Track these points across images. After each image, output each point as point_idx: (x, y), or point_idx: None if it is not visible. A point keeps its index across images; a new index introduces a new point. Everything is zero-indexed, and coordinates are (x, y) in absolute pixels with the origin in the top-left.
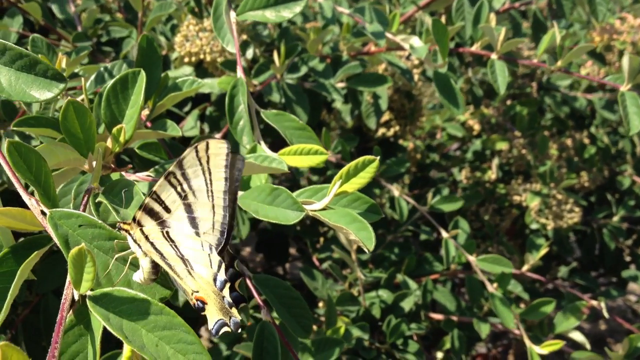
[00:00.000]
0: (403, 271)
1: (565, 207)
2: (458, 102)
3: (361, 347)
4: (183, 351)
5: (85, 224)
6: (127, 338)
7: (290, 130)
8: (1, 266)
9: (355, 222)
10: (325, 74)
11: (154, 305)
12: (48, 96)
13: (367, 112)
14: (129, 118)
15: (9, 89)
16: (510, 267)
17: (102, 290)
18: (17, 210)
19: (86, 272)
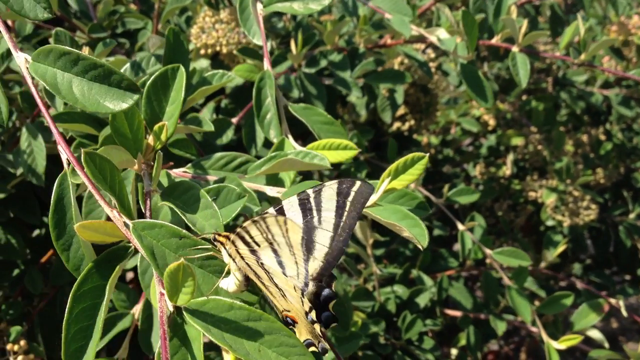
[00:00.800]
0: (418, 267)
1: (582, 204)
2: (486, 94)
3: (376, 343)
4: (286, 354)
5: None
6: (231, 347)
7: (318, 124)
8: (87, 282)
9: (407, 218)
10: (342, 66)
11: (253, 312)
12: (123, 107)
13: (382, 105)
14: (170, 115)
15: (82, 99)
16: (527, 260)
17: (196, 301)
18: (99, 222)
19: (186, 285)
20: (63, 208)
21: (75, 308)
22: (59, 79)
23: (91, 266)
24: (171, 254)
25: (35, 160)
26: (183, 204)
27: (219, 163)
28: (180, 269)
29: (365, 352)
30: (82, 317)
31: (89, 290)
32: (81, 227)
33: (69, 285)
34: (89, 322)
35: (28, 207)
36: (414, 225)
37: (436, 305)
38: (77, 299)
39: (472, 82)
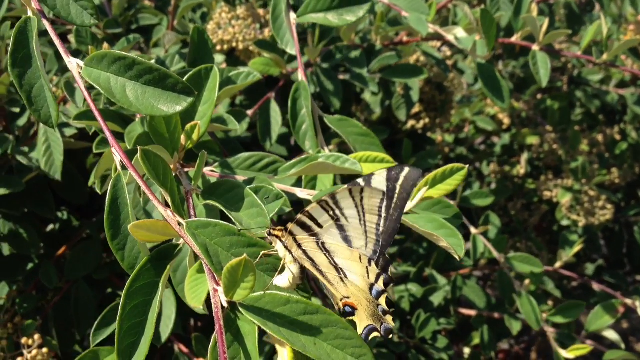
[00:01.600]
0: (431, 265)
1: (598, 204)
2: (503, 95)
3: (390, 341)
4: (342, 346)
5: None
6: (288, 340)
7: (353, 136)
8: (140, 279)
9: (444, 228)
10: (359, 62)
11: (309, 305)
12: (177, 109)
13: (397, 103)
14: (202, 114)
15: (136, 103)
16: (540, 267)
17: (252, 296)
18: (151, 222)
19: (246, 281)
20: (118, 208)
21: (129, 305)
22: (112, 83)
23: (145, 262)
24: (224, 252)
25: (52, 156)
26: (226, 202)
27: (246, 163)
28: (242, 264)
29: (380, 350)
30: (135, 313)
31: (142, 287)
32: (135, 227)
33: (84, 279)
34: (141, 319)
35: (43, 202)
36: (451, 235)
37: (450, 304)
38: (130, 296)
39: (489, 82)
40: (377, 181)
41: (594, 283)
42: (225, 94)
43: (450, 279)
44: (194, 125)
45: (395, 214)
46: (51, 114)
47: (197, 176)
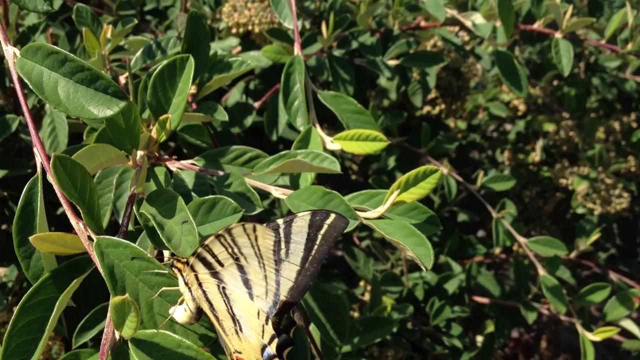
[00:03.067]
0: (446, 253)
1: (614, 192)
2: (521, 83)
3: (405, 329)
4: None
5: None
6: None
7: (347, 113)
8: (40, 293)
9: (413, 236)
10: (375, 50)
11: (201, 353)
12: (107, 114)
13: (413, 89)
14: (176, 107)
15: (66, 101)
16: (564, 249)
17: (145, 332)
18: (57, 235)
19: (129, 319)
20: (30, 214)
21: (21, 320)
22: (44, 78)
23: (47, 276)
24: (131, 276)
25: (57, 138)
26: (165, 213)
27: (228, 157)
28: (125, 303)
29: (394, 337)
30: (28, 330)
31: (40, 302)
32: (38, 239)
33: None
34: (34, 336)
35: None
36: (419, 244)
37: (464, 291)
38: (24, 311)
39: (507, 70)
40: (298, 225)
41: (611, 272)
42: (217, 83)
43: (465, 266)
44: (164, 119)
45: (311, 269)
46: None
47: (142, 180)
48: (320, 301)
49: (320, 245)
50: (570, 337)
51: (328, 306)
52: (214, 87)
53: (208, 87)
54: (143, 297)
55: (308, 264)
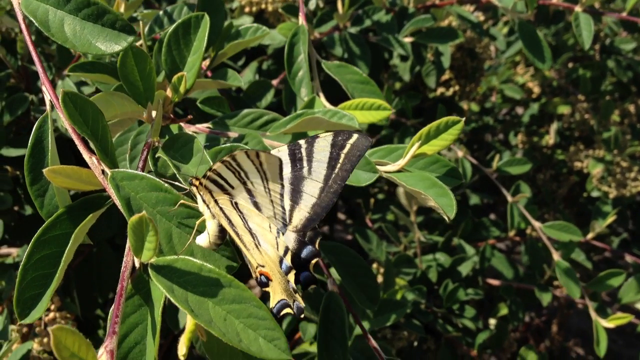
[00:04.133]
0: (459, 235)
1: (630, 175)
2: (544, 55)
3: (418, 311)
4: (254, 326)
5: (149, 187)
6: (193, 312)
7: (352, 83)
8: (55, 228)
9: (435, 187)
10: (389, 27)
11: (222, 276)
12: (115, 49)
13: (427, 70)
14: (191, 65)
15: (73, 39)
16: (579, 235)
17: (165, 258)
18: (72, 168)
19: (148, 240)
20: (41, 152)
21: (36, 254)
22: (50, 16)
23: (62, 211)
24: (149, 208)
25: None
26: (181, 157)
27: (244, 120)
28: (143, 222)
29: (407, 319)
30: (43, 264)
31: (56, 237)
32: (52, 172)
33: (107, 242)
34: (49, 270)
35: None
36: (442, 194)
37: (478, 274)
38: (39, 245)
39: (529, 41)
40: (321, 145)
41: (626, 254)
42: (232, 50)
43: (479, 248)
44: (180, 77)
45: (334, 186)
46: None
47: (156, 129)
48: (351, 266)
49: (343, 164)
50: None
51: (359, 271)
52: (229, 53)
53: (222, 54)
54: (162, 229)
55: (331, 181)
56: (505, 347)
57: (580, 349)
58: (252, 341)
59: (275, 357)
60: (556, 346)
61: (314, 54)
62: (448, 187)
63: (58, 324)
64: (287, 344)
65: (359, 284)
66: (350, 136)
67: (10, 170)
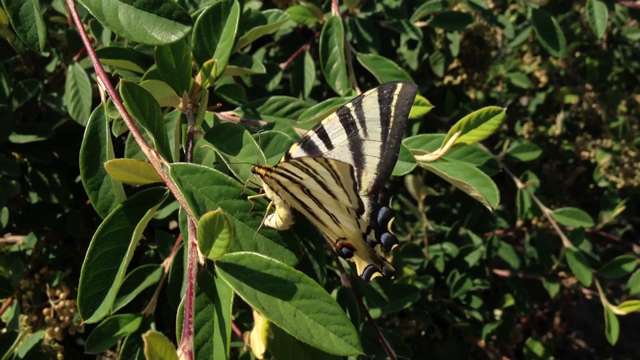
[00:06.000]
0: (466, 225)
1: (638, 165)
2: (558, 42)
3: (425, 300)
4: (324, 321)
5: (211, 181)
6: (264, 309)
7: (387, 76)
8: (114, 224)
9: (477, 176)
10: (400, 13)
11: (291, 272)
12: (172, 39)
13: (435, 58)
14: (221, 52)
15: (128, 28)
16: (590, 221)
17: (231, 255)
18: (131, 161)
19: (220, 238)
20: (97, 144)
21: (98, 251)
22: (104, 4)
23: (120, 207)
24: (211, 202)
25: (80, 101)
26: (227, 148)
27: (270, 107)
28: (217, 219)
29: (415, 308)
30: (104, 261)
31: (115, 234)
32: (112, 165)
33: None
34: (110, 267)
35: (73, 150)
36: (484, 184)
37: (485, 264)
38: (100, 242)
39: (543, 28)
40: (368, 104)
41: (635, 246)
42: (253, 35)
43: (486, 239)
44: (210, 64)
45: (393, 141)
46: (38, 35)
47: (201, 116)
48: None
49: (395, 117)
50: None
51: None
52: (249, 39)
53: (243, 40)
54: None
55: (389, 137)
56: (511, 338)
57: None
58: (323, 337)
59: (347, 353)
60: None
61: (349, 46)
62: (489, 177)
63: (150, 331)
64: (359, 338)
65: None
66: (395, 87)
67: (17, 156)
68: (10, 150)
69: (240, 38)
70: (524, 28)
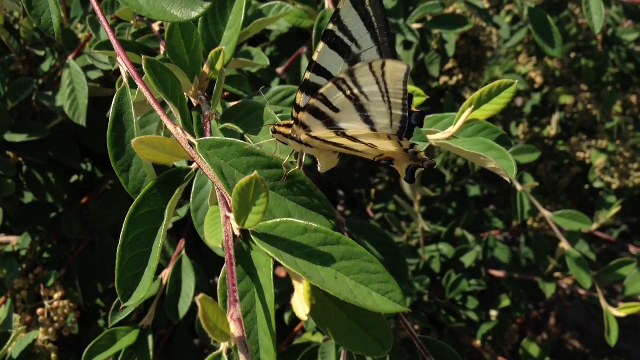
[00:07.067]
0: (462, 226)
1: (633, 166)
2: (554, 41)
3: (421, 301)
4: (366, 281)
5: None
6: (305, 273)
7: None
8: (145, 205)
9: (492, 149)
10: (396, 13)
11: (330, 234)
12: (192, 15)
13: (430, 58)
14: (228, 40)
15: (147, 6)
16: (588, 223)
17: (266, 224)
18: (157, 139)
19: (256, 204)
20: (122, 125)
21: (132, 233)
22: None
23: (151, 186)
24: (240, 174)
25: (77, 100)
26: (246, 126)
27: (276, 97)
28: (253, 184)
29: (411, 310)
30: (139, 243)
31: (147, 214)
32: (139, 143)
33: (108, 230)
34: (145, 249)
35: (68, 150)
36: (501, 156)
37: (481, 265)
38: (133, 223)
39: (540, 28)
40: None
41: (631, 246)
42: (255, 28)
43: (482, 239)
44: (218, 52)
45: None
46: (52, 20)
47: (216, 99)
48: (380, 245)
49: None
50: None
51: (388, 250)
52: (252, 32)
53: (245, 32)
54: None
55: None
56: (507, 338)
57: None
58: (367, 296)
59: (392, 310)
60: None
61: None
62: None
63: (202, 295)
64: (403, 295)
65: (387, 263)
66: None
67: (12, 156)
68: (5, 150)
69: (243, 31)
70: (520, 29)
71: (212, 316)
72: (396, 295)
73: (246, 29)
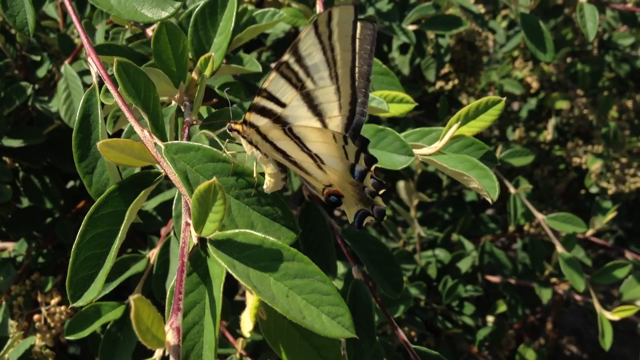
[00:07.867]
0: (458, 231)
1: (629, 171)
2: (546, 46)
3: (417, 307)
4: (317, 302)
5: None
6: (255, 288)
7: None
8: (107, 205)
9: (476, 168)
10: (391, 16)
11: (285, 250)
12: (162, 15)
13: (426, 63)
14: (217, 46)
15: (117, 6)
16: (582, 226)
17: (225, 233)
18: (124, 141)
19: (213, 211)
20: (89, 126)
21: (89, 232)
22: None
23: (114, 188)
24: (205, 180)
25: (72, 104)
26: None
27: None
28: (211, 190)
29: (408, 316)
30: (96, 243)
31: (108, 215)
32: (105, 146)
33: None
34: (102, 250)
35: (64, 155)
36: (484, 176)
37: (477, 270)
38: (92, 223)
39: (532, 33)
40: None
41: (627, 251)
42: (249, 34)
43: (478, 245)
44: (207, 58)
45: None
46: (28, 20)
47: (197, 104)
48: (376, 253)
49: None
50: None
51: (383, 258)
52: (245, 38)
53: (239, 39)
54: None
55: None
56: (504, 344)
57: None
58: (315, 318)
59: (339, 335)
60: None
61: None
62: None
63: (137, 295)
64: (352, 320)
65: (382, 272)
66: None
67: (9, 161)
68: (1, 155)
69: (236, 37)
70: (516, 34)
71: (147, 319)
72: (345, 319)
73: (240, 35)
